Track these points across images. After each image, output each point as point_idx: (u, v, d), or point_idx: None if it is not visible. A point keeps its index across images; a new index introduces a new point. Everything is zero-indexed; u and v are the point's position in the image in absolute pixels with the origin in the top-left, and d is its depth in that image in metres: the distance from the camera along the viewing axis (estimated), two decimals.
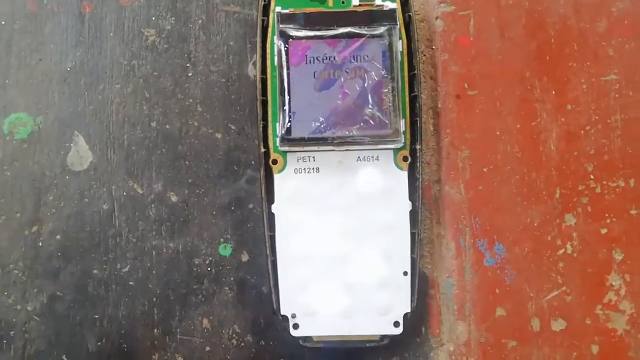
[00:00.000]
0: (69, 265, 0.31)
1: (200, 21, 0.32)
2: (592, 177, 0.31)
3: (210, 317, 0.30)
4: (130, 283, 0.31)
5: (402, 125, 0.29)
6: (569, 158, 0.31)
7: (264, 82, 0.30)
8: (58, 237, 0.31)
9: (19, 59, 0.32)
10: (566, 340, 0.30)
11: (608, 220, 0.31)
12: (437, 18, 0.32)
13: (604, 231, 0.31)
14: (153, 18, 0.32)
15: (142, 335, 0.30)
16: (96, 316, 0.30)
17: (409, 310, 0.29)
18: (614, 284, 0.31)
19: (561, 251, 0.31)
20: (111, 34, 0.32)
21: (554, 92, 0.32)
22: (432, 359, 0.30)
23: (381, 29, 0.29)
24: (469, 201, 0.31)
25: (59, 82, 0.32)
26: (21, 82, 0.32)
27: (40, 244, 0.31)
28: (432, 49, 0.32)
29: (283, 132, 0.28)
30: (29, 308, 0.31)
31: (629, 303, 0.31)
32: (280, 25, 0.29)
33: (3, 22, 0.32)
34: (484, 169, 0.31)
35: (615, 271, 0.31)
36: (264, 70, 0.30)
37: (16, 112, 0.32)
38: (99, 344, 0.30)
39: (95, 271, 0.31)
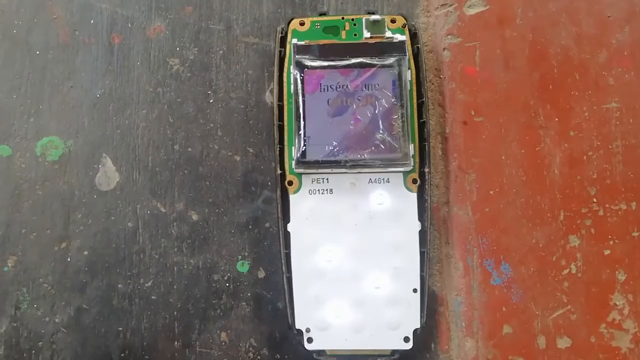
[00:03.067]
0: (95, 280, 0.32)
1: (221, 51, 0.34)
2: (595, 200, 0.32)
3: (228, 331, 0.32)
4: (153, 297, 0.32)
5: (411, 149, 0.30)
6: (572, 182, 0.33)
7: (280, 108, 0.32)
8: (85, 253, 0.33)
9: (52, 87, 0.34)
10: (571, 357, 0.31)
11: (611, 242, 0.32)
12: (444, 49, 0.34)
13: (607, 252, 0.32)
14: (177, 48, 0.34)
15: (163, 347, 0.32)
16: (120, 328, 0.32)
17: (418, 326, 0.30)
18: (617, 304, 0.32)
19: (566, 271, 0.32)
20: (138, 63, 0.34)
21: (557, 119, 0.33)
22: None
23: (391, 60, 0.31)
24: (476, 222, 0.32)
25: (88, 108, 0.34)
26: (54, 108, 0.34)
27: (69, 259, 0.32)
28: (440, 78, 0.34)
29: (298, 155, 0.30)
30: (56, 320, 0.32)
31: (632, 322, 0.31)
32: (297, 56, 0.31)
33: (37, 52, 0.35)
34: (490, 192, 0.33)
35: (619, 291, 0.32)
36: (280, 98, 0.32)
37: (48, 136, 0.34)
38: (122, 355, 0.32)
39: (119, 285, 0.32)
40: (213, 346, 0.32)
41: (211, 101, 0.34)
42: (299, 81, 0.30)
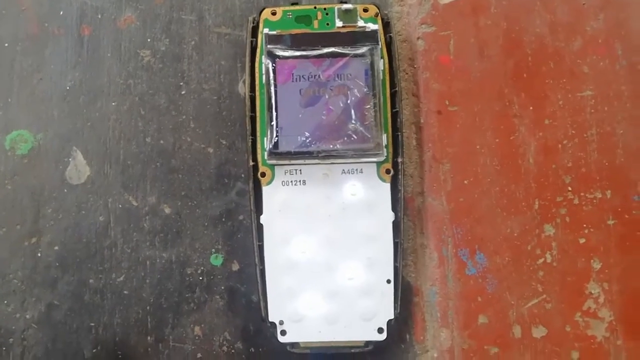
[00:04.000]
0: (66, 275, 0.32)
1: (193, 42, 0.34)
2: (569, 188, 0.32)
3: (202, 325, 0.32)
4: (125, 292, 0.32)
5: (384, 139, 0.30)
6: (547, 171, 0.33)
7: (252, 99, 0.31)
8: (56, 248, 0.32)
9: (21, 79, 0.34)
10: (547, 346, 0.31)
11: (586, 231, 0.32)
12: (418, 38, 0.34)
13: (582, 241, 0.32)
14: (148, 40, 0.34)
15: (136, 342, 0.31)
16: (92, 324, 0.32)
17: (392, 317, 0.30)
18: (592, 292, 0.32)
19: (541, 260, 0.32)
20: (109, 55, 0.34)
21: (531, 108, 0.33)
22: None
23: (363, 49, 0.30)
24: (450, 212, 0.32)
25: (58, 101, 0.33)
26: (23, 101, 0.33)
27: (39, 255, 0.32)
28: (414, 67, 0.34)
29: (271, 146, 0.30)
30: (27, 316, 0.32)
31: (607, 310, 0.32)
32: (268, 46, 0.30)
33: (6, 44, 0.34)
34: (465, 182, 0.32)
35: (594, 280, 0.32)
36: (252, 88, 0.31)
37: (17, 129, 0.33)
38: (94, 350, 0.31)
39: (91, 281, 0.32)
40: (187, 340, 0.31)
41: (183, 93, 0.34)
42: (270, 71, 0.30)
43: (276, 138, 0.30)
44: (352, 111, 0.30)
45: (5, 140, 0.33)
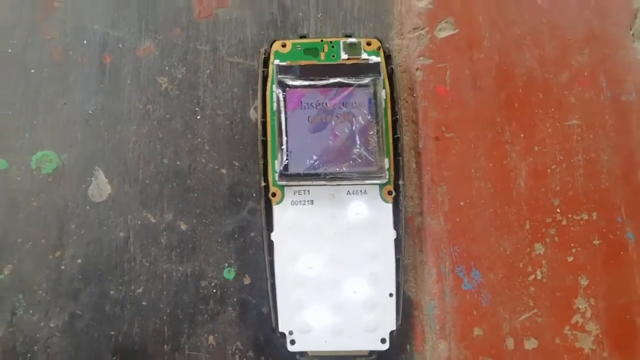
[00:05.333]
0: (88, 287, 0.34)
1: (208, 71, 0.36)
2: (558, 210, 0.35)
3: (216, 335, 0.34)
4: (143, 303, 0.34)
5: (386, 163, 0.32)
6: (537, 194, 0.35)
7: (264, 124, 0.33)
8: (79, 261, 0.34)
9: (46, 103, 0.36)
10: (538, 357, 0.33)
11: (574, 250, 0.34)
12: (417, 69, 0.36)
13: (570, 259, 0.34)
14: (166, 68, 0.36)
15: (154, 351, 0.33)
16: (112, 333, 0.33)
17: (394, 328, 0.32)
18: (580, 307, 0.34)
19: (532, 277, 0.34)
20: (128, 82, 0.36)
21: (522, 135, 0.35)
22: None
23: (367, 80, 0.33)
24: (448, 231, 0.35)
25: (81, 124, 0.36)
26: (48, 124, 0.36)
27: (63, 267, 0.34)
28: (414, 96, 0.36)
29: (281, 168, 0.32)
30: (51, 325, 0.33)
31: (594, 324, 0.34)
32: (279, 76, 0.33)
33: (32, 70, 0.36)
34: (461, 203, 0.35)
35: (582, 295, 0.34)
36: (264, 115, 0.34)
37: (43, 150, 0.35)
38: (114, 358, 0.33)
39: (111, 292, 0.34)
40: (201, 349, 0.33)
41: (198, 117, 0.36)
42: (281, 99, 0.32)
43: (286, 161, 0.32)
44: (357, 137, 0.32)
45: (31, 160, 0.35)
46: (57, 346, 0.33)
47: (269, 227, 0.33)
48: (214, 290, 0.34)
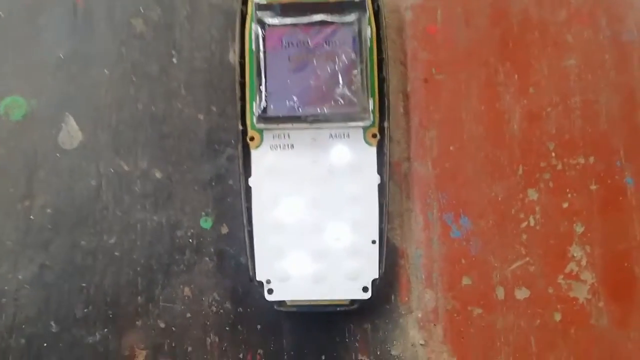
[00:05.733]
0: (59, 237, 0.32)
1: (184, 12, 0.35)
2: (553, 154, 0.33)
3: (192, 286, 0.32)
4: (116, 254, 0.32)
5: (371, 104, 0.30)
6: (531, 137, 0.33)
7: (242, 65, 0.32)
8: (48, 210, 0.33)
9: (15, 46, 0.34)
10: (530, 308, 0.32)
11: (569, 195, 0.33)
12: (406, 9, 0.34)
13: (565, 205, 0.33)
14: (141, 9, 0.35)
15: (127, 302, 0.32)
16: (83, 285, 0.32)
17: (377, 276, 0.30)
18: (575, 255, 0.32)
19: (524, 224, 0.33)
20: (101, 24, 0.34)
21: (516, 76, 0.34)
22: (401, 325, 0.32)
23: (351, 17, 0.31)
24: (436, 177, 0.33)
25: (52, 68, 0.34)
26: (17, 68, 0.34)
27: (32, 217, 0.33)
28: (402, 37, 0.34)
29: (260, 111, 0.30)
30: (20, 277, 0.32)
31: (589, 273, 0.32)
32: (258, 14, 0.31)
33: (1, 14, 0.35)
34: (451, 148, 0.33)
35: (577, 243, 0.32)
36: (242, 55, 0.32)
37: (12, 95, 0.34)
38: (85, 310, 0.32)
39: (83, 243, 0.32)
40: (176, 300, 0.32)
41: (175, 61, 0.34)
42: (260, 38, 0.31)
43: (265, 103, 0.30)
44: (340, 77, 0.30)
45: None
46: (26, 298, 0.32)
47: (247, 172, 0.31)
48: (190, 240, 0.33)
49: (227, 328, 0.32)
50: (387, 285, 0.32)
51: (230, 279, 0.32)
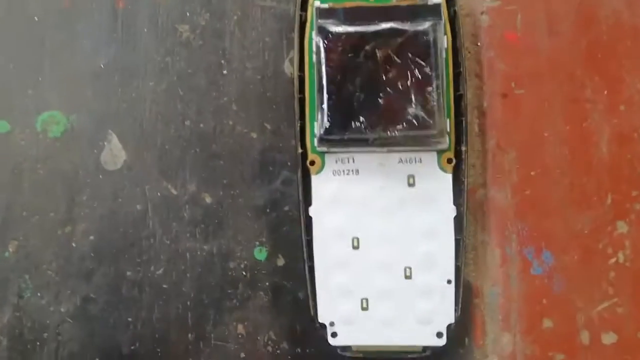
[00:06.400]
0: (102, 267, 0.30)
1: (235, 17, 0.32)
2: None
3: (245, 323, 0.30)
4: (164, 286, 0.30)
5: (447, 125, 0.27)
6: (621, 162, 0.30)
7: (301, 79, 0.29)
8: (91, 237, 0.30)
9: (52, 56, 0.32)
10: (617, 354, 0.29)
11: None
12: (482, 13, 0.31)
13: None
14: (187, 14, 0.32)
15: (176, 339, 0.30)
16: (129, 319, 0.30)
17: (452, 320, 0.28)
18: None
19: (613, 260, 0.30)
20: (145, 30, 0.32)
21: (606, 92, 0.30)
22: None
23: (425, 25, 0.27)
24: (515, 206, 0.30)
25: (92, 80, 0.31)
26: (54, 79, 0.32)
27: (74, 245, 0.30)
28: (477, 45, 0.31)
29: (321, 132, 0.27)
30: (62, 309, 0.30)
31: None
32: (319, 21, 0.28)
33: (36, 18, 0.32)
34: (532, 173, 0.30)
35: None
36: (301, 68, 0.29)
37: (49, 110, 0.31)
38: (132, 347, 0.30)
39: (128, 273, 0.30)
40: (229, 339, 0.30)
41: (225, 72, 0.31)
42: (322, 49, 0.27)
43: (327, 123, 0.27)
44: (412, 94, 0.27)
45: (36, 121, 0.31)
46: (68, 333, 0.30)
47: (307, 201, 0.28)
48: (244, 273, 0.30)
49: None
50: (460, 327, 0.29)
51: (287, 316, 0.30)
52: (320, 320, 0.28)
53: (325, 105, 0.27)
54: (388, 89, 0.27)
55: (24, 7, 0.32)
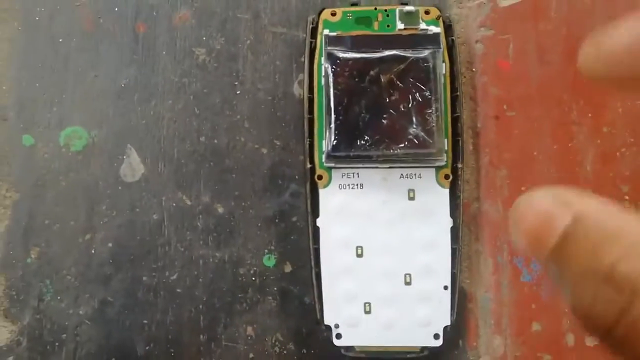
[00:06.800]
0: (120, 272, 0.32)
1: (248, 41, 0.34)
2: (627, 197, 0.32)
3: (254, 325, 0.31)
4: (178, 290, 0.32)
5: (445, 144, 0.30)
6: (604, 179, 0.32)
7: (311, 100, 0.31)
8: (110, 245, 0.32)
9: (75, 76, 0.34)
10: (600, 355, 0.31)
11: None
12: (477, 42, 0.33)
13: None
14: (204, 38, 0.34)
15: (189, 341, 0.31)
16: (145, 321, 0.32)
17: (448, 323, 0.30)
18: None
19: None
20: (164, 53, 0.34)
21: (590, 115, 0.32)
22: None
23: (425, 52, 0.30)
24: (506, 219, 0.32)
25: (113, 98, 0.33)
26: (77, 97, 0.33)
27: (93, 251, 0.32)
28: (472, 71, 0.33)
29: (329, 149, 0.29)
30: (80, 312, 0.32)
31: None
32: (328, 47, 0.30)
33: (61, 40, 0.34)
34: (522, 188, 0.32)
35: None
36: (311, 90, 0.31)
37: (72, 126, 0.33)
38: (147, 348, 0.31)
39: (144, 278, 0.32)
40: (239, 340, 0.31)
41: (238, 92, 0.33)
42: (330, 73, 0.30)
43: (335, 141, 0.29)
44: (413, 115, 0.29)
45: (59, 136, 0.33)
46: (86, 334, 0.32)
47: (315, 213, 0.30)
48: (253, 278, 0.32)
49: None
50: (455, 330, 0.31)
51: (294, 319, 0.31)
52: (325, 323, 0.30)
53: (332, 125, 0.29)
54: (391, 110, 0.29)
55: (49, 30, 0.34)
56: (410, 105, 0.29)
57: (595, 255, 0.14)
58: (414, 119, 0.29)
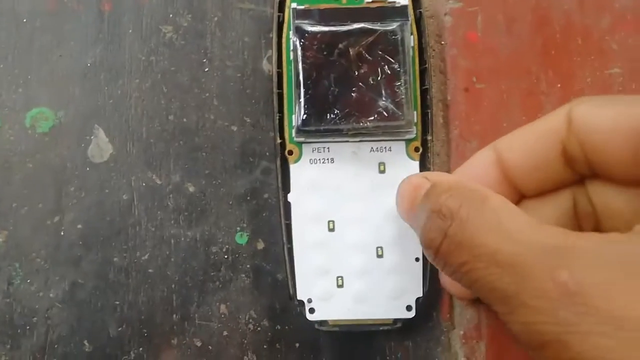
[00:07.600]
0: (90, 254, 0.32)
1: (216, 18, 0.33)
2: None
3: (228, 303, 0.31)
4: (150, 270, 0.31)
5: (414, 117, 0.30)
6: None
7: (279, 75, 0.31)
8: (79, 226, 0.32)
9: (40, 56, 0.33)
10: None
11: None
12: (445, 14, 0.33)
13: None
14: (170, 15, 0.33)
15: (162, 320, 0.31)
16: (117, 302, 0.31)
17: (420, 294, 0.30)
18: None
19: None
20: (130, 31, 0.33)
21: (559, 85, 0.33)
22: (443, 343, 0.31)
23: (393, 25, 0.30)
24: None
25: (79, 78, 0.33)
26: (42, 78, 0.33)
27: (62, 233, 0.32)
28: (441, 44, 0.33)
29: (299, 123, 0.29)
30: (51, 295, 0.31)
31: None
32: (296, 21, 0.30)
33: (24, 20, 0.33)
34: None
35: None
36: (279, 65, 0.31)
37: (38, 107, 0.33)
38: (119, 329, 0.31)
39: (115, 259, 0.31)
40: (212, 318, 0.31)
41: (206, 70, 0.33)
42: (298, 47, 0.29)
43: (304, 115, 0.29)
44: (382, 88, 0.29)
45: (25, 117, 0.33)
46: (57, 317, 0.31)
47: (286, 188, 0.30)
48: (225, 256, 0.32)
49: (264, 346, 0.31)
50: (429, 302, 0.31)
51: (267, 296, 0.31)
52: (298, 298, 0.30)
53: (302, 99, 0.29)
54: (360, 83, 0.29)
55: (12, 10, 0.33)
56: (379, 78, 0.29)
57: (437, 200, 0.23)
58: (383, 92, 0.29)
